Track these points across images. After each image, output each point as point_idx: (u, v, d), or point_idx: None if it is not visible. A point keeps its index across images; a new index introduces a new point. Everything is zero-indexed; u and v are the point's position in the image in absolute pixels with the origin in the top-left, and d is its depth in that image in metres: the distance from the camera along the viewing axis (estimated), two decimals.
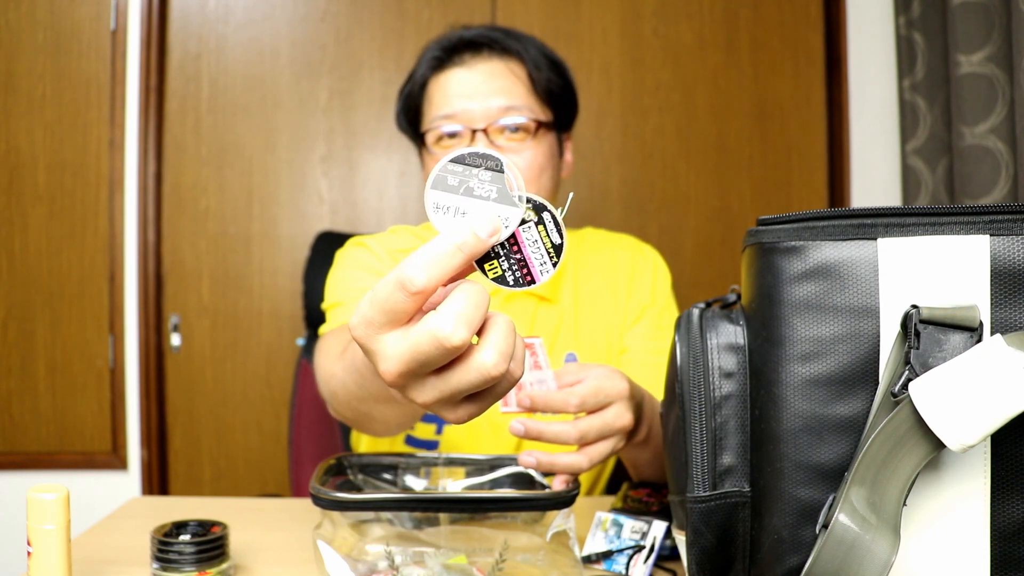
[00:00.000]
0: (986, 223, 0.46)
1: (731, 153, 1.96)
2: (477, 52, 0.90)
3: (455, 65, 0.90)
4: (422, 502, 0.57)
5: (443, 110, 0.89)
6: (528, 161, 0.89)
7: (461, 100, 0.88)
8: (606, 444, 0.65)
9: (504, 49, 0.91)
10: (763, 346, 0.49)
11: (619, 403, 0.66)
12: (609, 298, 0.98)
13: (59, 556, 0.56)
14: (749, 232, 0.50)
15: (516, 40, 0.92)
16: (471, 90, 0.88)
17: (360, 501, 0.57)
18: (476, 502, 0.57)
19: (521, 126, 0.89)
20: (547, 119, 0.92)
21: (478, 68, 0.90)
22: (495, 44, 0.90)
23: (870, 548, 0.42)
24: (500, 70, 0.90)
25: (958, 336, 0.44)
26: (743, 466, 0.51)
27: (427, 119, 0.92)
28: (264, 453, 1.89)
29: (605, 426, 0.64)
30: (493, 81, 0.89)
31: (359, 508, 0.57)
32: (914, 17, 1.68)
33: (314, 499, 0.57)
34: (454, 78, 0.90)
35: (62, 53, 1.83)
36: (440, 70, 0.91)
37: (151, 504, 0.86)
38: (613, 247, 1.01)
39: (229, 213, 1.89)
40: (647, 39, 1.94)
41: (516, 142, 0.89)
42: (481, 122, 0.88)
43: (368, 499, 0.57)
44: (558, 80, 0.93)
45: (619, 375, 0.67)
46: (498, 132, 0.88)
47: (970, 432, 0.41)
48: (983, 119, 1.45)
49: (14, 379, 1.83)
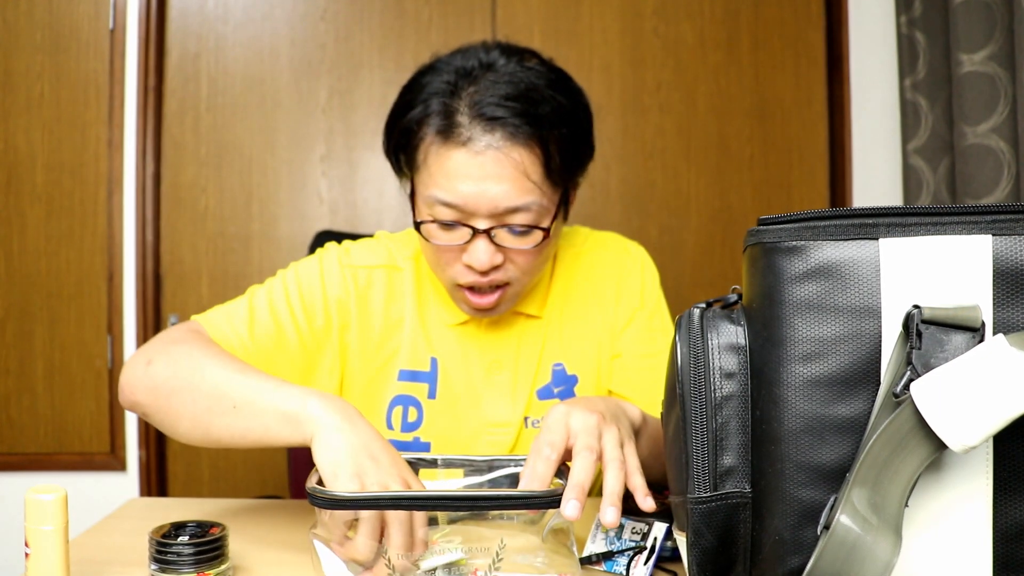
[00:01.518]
0: (988, 223, 0.46)
1: (732, 153, 1.96)
2: (489, 131, 0.77)
3: (460, 144, 0.77)
4: (418, 501, 0.57)
5: (444, 195, 0.78)
6: (531, 260, 0.83)
7: (465, 188, 0.77)
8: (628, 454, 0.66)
9: (521, 133, 0.77)
10: (764, 346, 0.49)
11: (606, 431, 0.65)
12: (596, 304, 0.95)
13: (57, 557, 0.55)
14: (750, 232, 0.50)
15: (535, 117, 0.78)
16: (476, 185, 0.77)
17: (357, 499, 0.57)
18: (472, 500, 0.57)
19: (527, 231, 0.80)
20: (557, 202, 0.82)
21: (488, 155, 0.76)
22: (511, 127, 0.77)
23: (872, 549, 0.42)
24: (512, 161, 0.77)
25: (960, 336, 0.43)
26: (744, 467, 0.50)
27: (423, 187, 0.81)
28: (263, 454, 1.89)
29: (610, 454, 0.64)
30: (502, 174, 0.77)
31: (356, 507, 0.57)
32: (915, 16, 1.68)
33: (311, 499, 0.57)
34: (459, 160, 0.77)
35: (60, 52, 1.82)
36: (444, 142, 0.78)
37: (149, 505, 0.86)
38: (598, 249, 0.97)
39: (228, 213, 1.89)
40: (647, 38, 1.94)
41: (521, 242, 0.81)
42: (484, 221, 0.78)
43: (364, 498, 0.57)
44: (577, 143, 0.82)
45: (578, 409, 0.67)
46: (502, 231, 0.80)
47: (972, 433, 0.40)
48: (985, 118, 1.45)
49: (12, 379, 1.83)
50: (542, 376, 0.92)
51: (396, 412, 0.90)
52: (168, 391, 0.74)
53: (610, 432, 0.65)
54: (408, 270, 0.92)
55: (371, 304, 0.90)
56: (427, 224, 0.81)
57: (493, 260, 0.80)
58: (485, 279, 0.82)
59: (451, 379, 0.91)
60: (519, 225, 0.79)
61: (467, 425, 0.90)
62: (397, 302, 0.91)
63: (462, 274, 0.82)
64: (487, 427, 0.91)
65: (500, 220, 0.79)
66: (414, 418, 0.90)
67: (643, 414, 0.76)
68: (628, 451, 0.65)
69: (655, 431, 0.78)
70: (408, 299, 0.91)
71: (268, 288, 0.89)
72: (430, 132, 0.79)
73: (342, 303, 0.89)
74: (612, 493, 0.60)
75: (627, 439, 0.66)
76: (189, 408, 0.73)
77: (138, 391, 0.77)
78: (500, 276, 0.82)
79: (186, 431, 0.74)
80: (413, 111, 0.81)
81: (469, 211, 0.78)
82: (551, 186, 0.80)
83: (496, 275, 0.82)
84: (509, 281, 0.83)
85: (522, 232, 0.80)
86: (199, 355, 0.75)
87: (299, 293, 0.88)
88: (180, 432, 0.75)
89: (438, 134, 0.78)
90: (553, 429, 0.64)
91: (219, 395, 0.71)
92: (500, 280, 0.83)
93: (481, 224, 0.79)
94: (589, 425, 0.64)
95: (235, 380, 0.71)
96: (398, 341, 0.90)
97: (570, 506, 0.57)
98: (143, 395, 0.77)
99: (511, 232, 0.80)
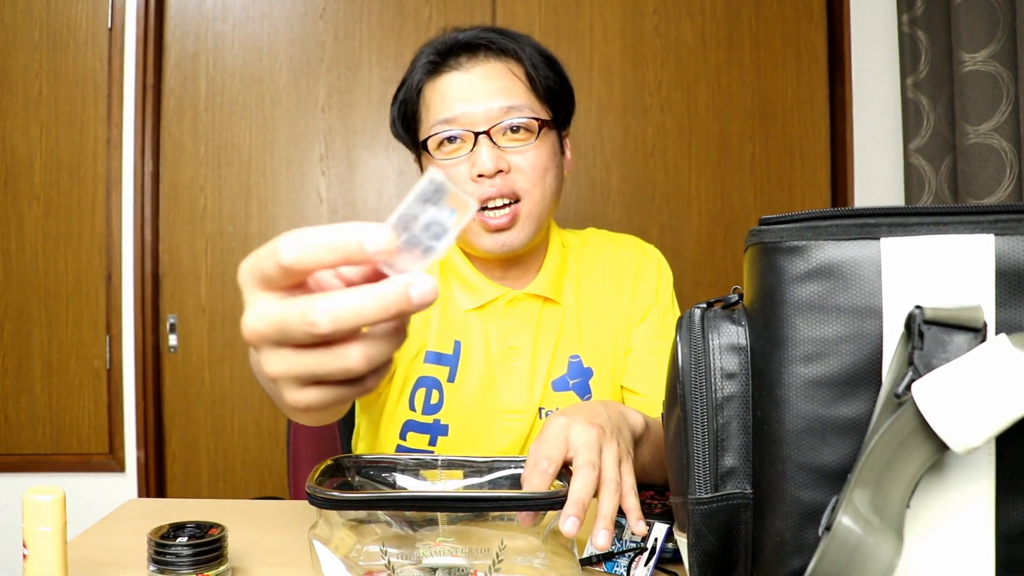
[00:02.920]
0: (990, 222, 0.45)
1: (733, 152, 1.95)
2: (473, 55, 0.89)
3: (451, 69, 0.89)
4: (418, 501, 0.56)
5: (442, 114, 0.87)
6: (532, 161, 0.88)
7: (461, 103, 0.87)
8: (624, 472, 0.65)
9: (501, 50, 0.89)
10: (765, 347, 0.49)
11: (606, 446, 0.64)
12: (613, 298, 0.97)
13: (55, 558, 0.55)
14: (751, 232, 0.50)
15: (512, 40, 0.90)
16: (470, 93, 0.87)
17: (356, 500, 0.56)
18: (472, 501, 0.56)
19: (524, 126, 0.87)
20: (548, 117, 0.91)
21: (476, 70, 0.88)
22: (491, 45, 0.89)
23: (873, 551, 0.42)
24: (498, 71, 0.88)
25: (962, 337, 0.43)
26: (745, 468, 0.50)
27: (425, 125, 0.90)
28: (262, 455, 1.88)
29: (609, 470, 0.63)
30: (492, 82, 0.87)
31: (355, 507, 0.57)
32: (917, 15, 1.68)
33: (310, 498, 0.57)
34: (452, 82, 0.88)
35: (58, 51, 1.82)
36: (436, 75, 0.89)
37: (148, 506, 0.86)
38: (617, 247, 1.01)
39: (227, 212, 1.89)
40: (648, 37, 1.94)
41: (519, 143, 0.88)
42: (483, 124, 0.86)
43: (364, 498, 0.56)
44: (555, 78, 0.92)
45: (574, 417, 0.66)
46: (500, 133, 0.87)
47: (974, 434, 0.40)
48: (987, 117, 1.45)
49: (10, 380, 1.83)
50: (558, 366, 0.94)
51: (419, 394, 0.93)
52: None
53: (609, 449, 0.64)
54: None
55: None
56: (432, 144, 0.89)
57: (498, 163, 0.86)
58: (494, 189, 0.86)
59: (471, 363, 0.93)
60: (515, 124, 0.87)
61: (483, 410, 0.92)
62: None
63: (473, 193, 0.87)
64: (502, 413, 0.93)
65: (497, 120, 0.86)
66: (436, 400, 0.93)
67: (645, 420, 0.75)
68: (625, 470, 0.64)
69: (657, 436, 0.78)
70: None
71: None
72: (424, 78, 0.90)
73: None
74: (606, 516, 0.60)
75: (625, 456, 0.66)
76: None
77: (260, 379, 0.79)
78: (509, 184, 0.87)
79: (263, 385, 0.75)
80: (408, 79, 0.92)
81: (468, 121, 0.87)
82: (538, 100, 0.90)
83: (505, 182, 0.87)
84: (519, 194, 0.88)
85: (520, 128, 0.87)
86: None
87: None
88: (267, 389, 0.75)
89: (430, 72, 0.90)
90: (552, 443, 0.64)
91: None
92: (510, 190, 0.87)
93: (480, 127, 0.86)
94: (590, 440, 0.63)
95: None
96: (427, 324, 0.94)
97: (569, 522, 0.57)
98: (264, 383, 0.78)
99: (510, 132, 0.87)
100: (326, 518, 0.60)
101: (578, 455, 0.62)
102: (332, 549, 0.59)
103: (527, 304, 0.95)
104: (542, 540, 0.61)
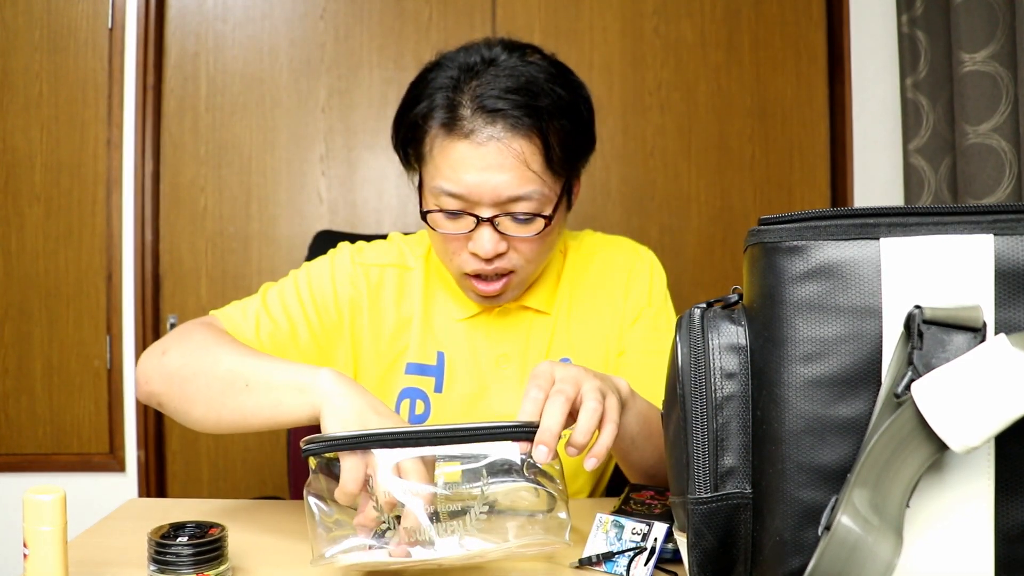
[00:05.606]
0: (990, 223, 0.45)
1: (732, 152, 1.95)
2: (491, 121, 0.80)
3: (463, 136, 0.80)
4: (402, 436, 0.60)
5: (447, 185, 0.81)
6: (533, 246, 0.85)
7: (468, 177, 0.80)
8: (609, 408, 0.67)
9: (522, 124, 0.80)
10: (765, 346, 0.49)
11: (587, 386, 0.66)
12: (605, 301, 0.97)
13: (55, 558, 0.55)
14: (751, 232, 0.50)
15: (535, 109, 0.80)
16: (479, 170, 0.80)
17: (348, 438, 0.59)
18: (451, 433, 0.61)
19: (531, 218, 0.83)
20: (560, 192, 0.85)
21: (489, 146, 0.79)
22: (511, 118, 0.80)
23: (873, 550, 0.42)
24: (512, 152, 0.80)
25: (961, 337, 0.43)
26: (745, 467, 0.50)
27: (429, 177, 0.84)
28: (262, 455, 1.88)
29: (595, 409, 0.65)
30: (504, 161, 0.80)
31: (344, 447, 0.60)
32: (917, 15, 1.68)
33: (303, 452, 0.60)
34: (462, 152, 0.80)
35: (59, 51, 1.82)
36: (448, 133, 0.81)
37: (148, 506, 0.86)
38: (610, 249, 1.00)
39: (227, 213, 1.89)
40: (648, 37, 1.94)
41: (524, 229, 0.83)
42: (487, 208, 0.81)
43: (350, 435, 0.60)
44: (577, 134, 0.85)
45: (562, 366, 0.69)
46: (505, 219, 0.82)
47: (973, 433, 0.40)
48: (987, 118, 1.45)
49: (10, 380, 1.83)
50: None
51: (404, 405, 0.93)
52: (182, 378, 0.77)
53: (591, 382, 0.66)
54: (418, 269, 0.96)
55: (383, 301, 0.94)
56: (433, 214, 0.85)
57: (497, 248, 0.83)
58: (490, 267, 0.85)
59: (459, 373, 0.93)
60: (521, 213, 0.82)
61: (474, 418, 0.92)
62: (407, 300, 0.94)
63: (468, 262, 0.85)
64: (494, 420, 0.91)
65: (503, 208, 0.82)
66: (421, 411, 0.93)
67: (631, 389, 0.76)
68: (610, 401, 0.66)
69: (644, 408, 0.79)
70: (417, 297, 0.94)
71: (281, 286, 0.93)
72: (435, 125, 0.83)
73: (354, 299, 0.93)
74: (581, 431, 0.63)
75: (610, 392, 0.68)
76: (203, 392, 0.75)
77: (153, 380, 0.80)
78: (504, 264, 0.85)
79: (200, 416, 0.76)
80: (419, 106, 0.84)
81: (473, 200, 0.81)
82: (552, 176, 0.83)
83: (500, 263, 0.85)
84: (514, 269, 0.86)
85: (524, 220, 0.83)
86: (213, 344, 0.79)
87: (310, 290, 0.92)
88: (194, 417, 0.77)
89: (442, 127, 0.82)
90: (540, 376, 0.67)
91: (233, 377, 0.74)
92: (505, 268, 0.86)
93: (485, 212, 0.82)
94: (570, 374, 0.66)
95: (249, 362, 0.75)
96: (407, 337, 0.94)
97: (538, 451, 0.61)
98: (158, 384, 0.79)
99: (514, 220, 0.83)
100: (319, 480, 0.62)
101: (553, 386, 0.65)
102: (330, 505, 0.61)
103: (517, 313, 0.94)
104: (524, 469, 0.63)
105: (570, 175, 0.88)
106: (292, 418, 0.70)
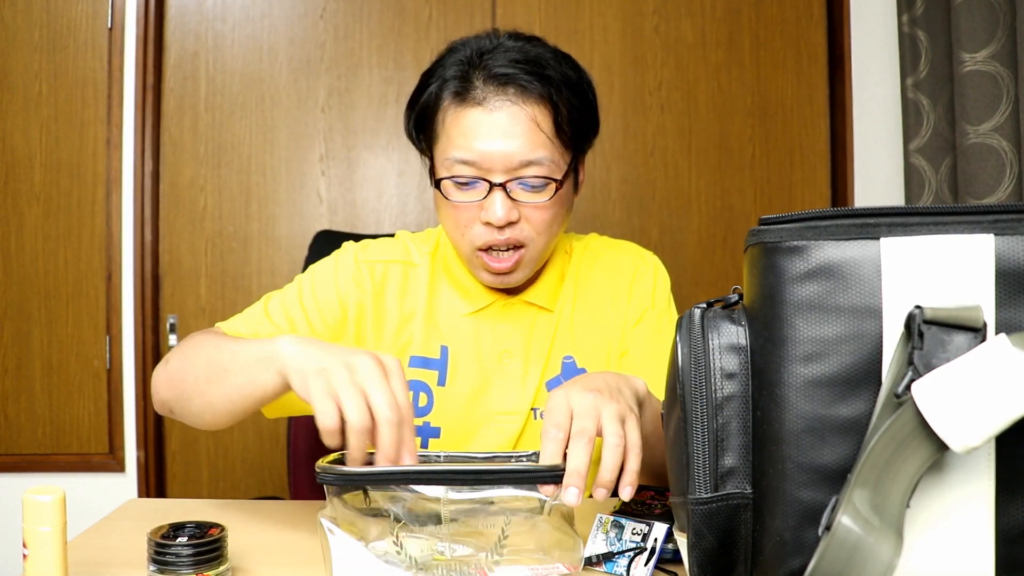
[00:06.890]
0: (990, 222, 0.45)
1: (733, 152, 1.95)
2: (502, 89, 0.83)
3: (476, 104, 0.83)
4: (426, 474, 0.59)
5: (460, 153, 0.83)
6: (544, 215, 0.86)
7: (480, 145, 0.82)
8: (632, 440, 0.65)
9: (532, 89, 0.83)
10: (765, 347, 0.49)
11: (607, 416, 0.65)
12: (609, 301, 0.97)
13: (55, 558, 0.55)
14: (751, 232, 0.50)
15: (545, 79, 0.84)
16: (491, 137, 0.82)
17: (364, 474, 0.59)
18: (477, 474, 0.60)
19: (540, 184, 0.85)
20: (568, 163, 0.87)
21: (500, 113, 0.82)
22: (522, 82, 0.83)
23: (873, 550, 0.42)
24: (523, 117, 0.83)
25: (962, 337, 0.43)
26: (745, 467, 0.50)
27: (441, 152, 0.86)
28: (262, 455, 1.88)
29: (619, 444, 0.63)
30: (515, 128, 0.82)
31: (364, 481, 0.60)
32: (917, 15, 1.68)
33: (319, 476, 0.60)
34: (474, 119, 0.83)
35: (58, 51, 1.82)
36: (460, 103, 0.84)
37: (148, 506, 0.86)
38: (615, 252, 1.01)
39: (227, 212, 1.89)
40: (648, 37, 1.94)
41: (534, 197, 0.85)
42: (500, 173, 0.83)
43: (372, 472, 0.59)
44: (583, 109, 0.88)
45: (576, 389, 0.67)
46: (516, 186, 0.84)
47: (974, 433, 0.40)
48: (987, 117, 1.45)
49: (10, 380, 1.83)
50: (552, 368, 0.94)
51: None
52: (179, 379, 0.79)
53: (609, 409, 0.64)
54: (424, 265, 0.96)
55: (386, 296, 0.94)
56: (445, 182, 0.85)
57: (509, 215, 0.84)
58: (502, 238, 0.85)
59: (462, 367, 0.93)
60: (533, 177, 0.83)
61: (476, 412, 0.93)
62: (411, 295, 0.95)
63: (480, 235, 0.86)
64: (495, 415, 0.93)
65: (515, 174, 0.83)
66: (424, 403, 0.93)
67: (647, 388, 0.75)
68: (629, 426, 0.65)
69: (658, 408, 0.78)
70: (421, 292, 0.95)
71: (284, 291, 0.94)
72: (447, 97, 0.85)
73: (357, 296, 0.93)
74: (607, 468, 0.61)
75: (628, 413, 0.66)
76: (195, 387, 0.77)
77: (160, 389, 0.82)
78: (516, 234, 0.86)
79: (199, 411, 0.78)
80: (431, 86, 0.87)
81: (485, 167, 0.83)
82: (562, 145, 0.85)
83: (512, 233, 0.85)
84: (524, 243, 0.87)
85: (536, 187, 0.84)
86: (203, 343, 0.80)
87: (312, 291, 0.93)
88: (193, 413, 0.79)
89: (455, 96, 0.84)
90: (557, 412, 0.65)
91: (214, 366, 0.75)
92: (516, 240, 0.86)
93: (497, 178, 0.83)
94: (586, 407, 0.65)
95: (225, 347, 0.75)
96: (411, 330, 0.94)
97: (568, 493, 0.60)
98: (164, 391, 0.82)
99: (525, 187, 0.84)
100: (334, 506, 0.62)
101: (573, 424, 0.64)
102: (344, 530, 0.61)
103: (521, 309, 0.95)
104: (546, 515, 0.62)
105: (576, 153, 0.89)
106: (268, 391, 0.70)
